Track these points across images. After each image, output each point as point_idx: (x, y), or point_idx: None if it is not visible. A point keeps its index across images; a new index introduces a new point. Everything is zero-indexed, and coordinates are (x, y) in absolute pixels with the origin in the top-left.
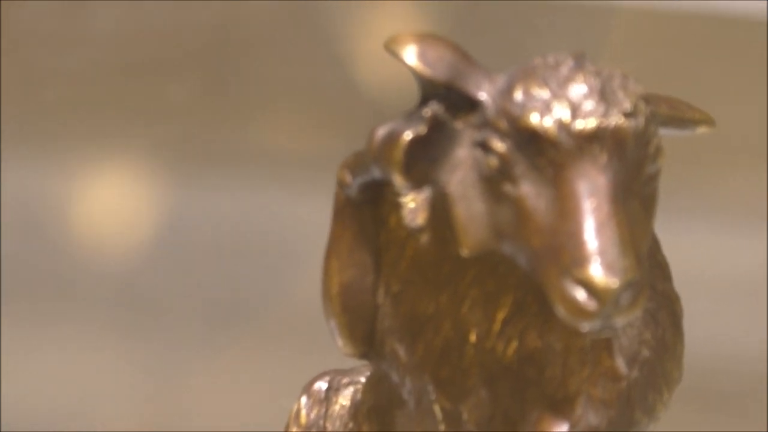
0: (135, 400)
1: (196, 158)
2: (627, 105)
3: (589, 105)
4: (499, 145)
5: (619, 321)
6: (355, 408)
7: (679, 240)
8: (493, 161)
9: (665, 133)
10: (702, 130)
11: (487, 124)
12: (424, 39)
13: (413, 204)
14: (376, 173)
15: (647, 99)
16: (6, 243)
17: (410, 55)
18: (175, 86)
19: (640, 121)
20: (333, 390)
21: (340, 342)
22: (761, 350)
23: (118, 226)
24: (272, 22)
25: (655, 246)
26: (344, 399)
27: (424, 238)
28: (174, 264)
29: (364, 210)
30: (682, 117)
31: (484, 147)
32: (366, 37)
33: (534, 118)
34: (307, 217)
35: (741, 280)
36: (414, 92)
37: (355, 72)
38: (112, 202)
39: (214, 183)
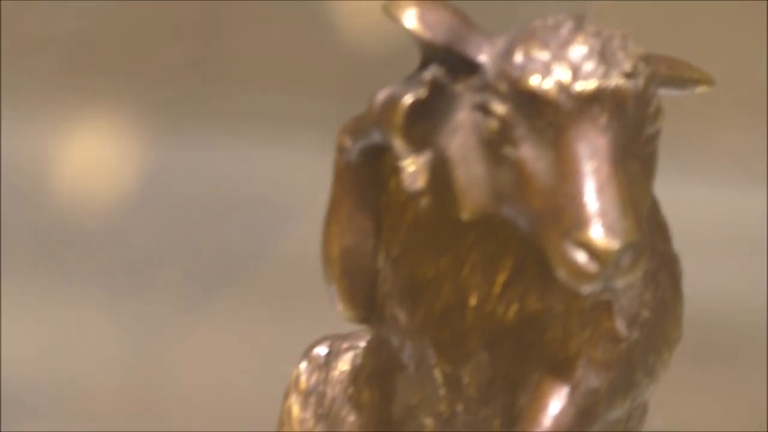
0: (122, 357)
1: (186, 118)
2: (627, 66)
3: (589, 66)
4: (499, 108)
5: (620, 283)
6: (355, 373)
7: (681, 194)
8: (493, 124)
9: (664, 93)
10: (701, 89)
11: (487, 87)
12: (423, 2)
13: (413, 167)
14: (376, 137)
15: (647, 59)
16: None
17: (410, 18)
18: (167, 48)
19: (640, 81)
20: (333, 355)
21: (340, 307)
22: (762, 303)
23: (108, 186)
24: None
25: (654, 207)
26: (344, 364)
27: (424, 202)
28: (163, 222)
29: (364, 174)
30: (681, 77)
31: (484, 110)
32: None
33: (534, 80)
34: (296, 175)
35: (742, 234)
36: (404, 51)
37: (343, 33)
38: (102, 161)
39: (205, 142)
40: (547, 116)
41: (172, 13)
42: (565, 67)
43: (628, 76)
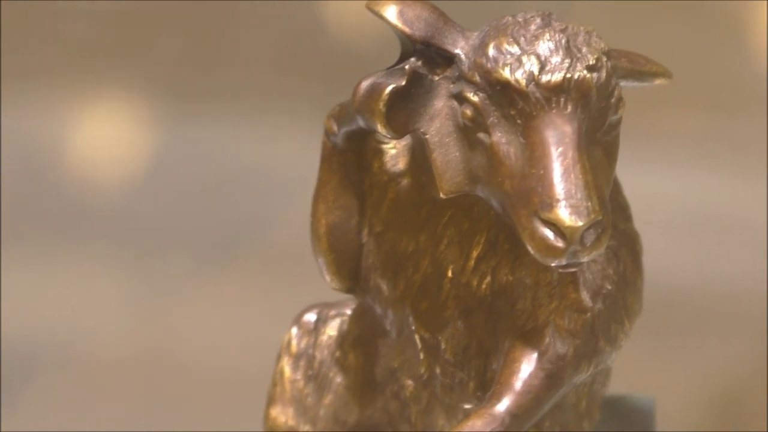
0: (129, 325)
1: (185, 99)
2: (590, 59)
3: (555, 59)
4: (473, 97)
5: (585, 258)
6: (342, 338)
7: (641, 177)
8: (468, 111)
9: (626, 85)
10: (659, 82)
11: (462, 78)
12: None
13: (394, 151)
14: (360, 123)
15: (609, 54)
16: (5, 177)
17: (391, 14)
18: (166, 36)
19: (603, 74)
20: (321, 321)
21: (327, 277)
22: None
23: (113, 163)
24: None
25: (616, 189)
26: (332, 330)
27: (405, 182)
28: (168, 197)
29: (349, 157)
30: (640, 70)
31: (460, 98)
32: None
33: (506, 72)
34: (288, 154)
35: (697, 214)
36: (383, 40)
37: (331, 27)
38: (107, 140)
39: (206, 124)
40: (518, 105)
41: (173, 6)
42: (533, 60)
43: (592, 69)
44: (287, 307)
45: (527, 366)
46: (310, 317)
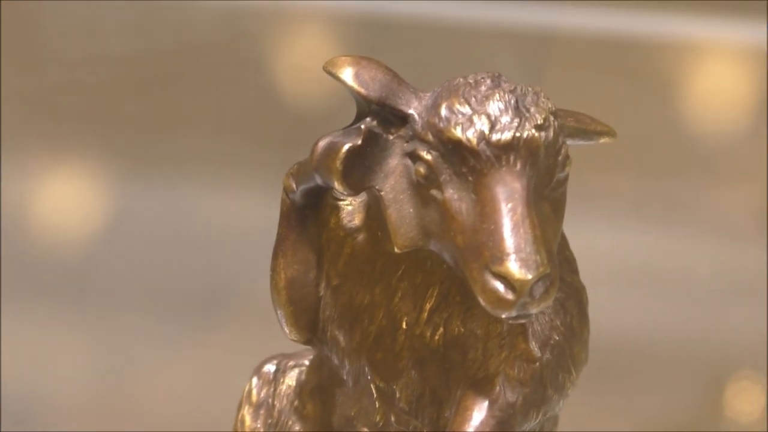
0: (93, 373)
1: (145, 162)
2: (539, 119)
3: (505, 119)
4: (426, 155)
5: (534, 309)
6: (300, 387)
7: (585, 232)
8: (421, 169)
9: (572, 144)
10: (604, 140)
11: (415, 137)
12: (359, 61)
13: (350, 207)
14: (317, 180)
15: (556, 113)
16: None
17: (347, 75)
18: (127, 103)
19: (550, 133)
20: (280, 371)
21: (286, 329)
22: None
23: (75, 223)
24: (210, 48)
25: (563, 243)
26: (290, 379)
27: (360, 237)
28: (129, 254)
29: (307, 213)
30: (586, 129)
31: (413, 157)
32: (289, 57)
33: (457, 131)
34: (247, 214)
35: (637, 268)
36: (332, 101)
37: (287, 89)
38: (70, 201)
39: (160, 183)
40: (469, 163)
41: (134, 74)
42: (484, 120)
43: (540, 128)
44: (248, 359)
45: (479, 414)
46: (270, 368)
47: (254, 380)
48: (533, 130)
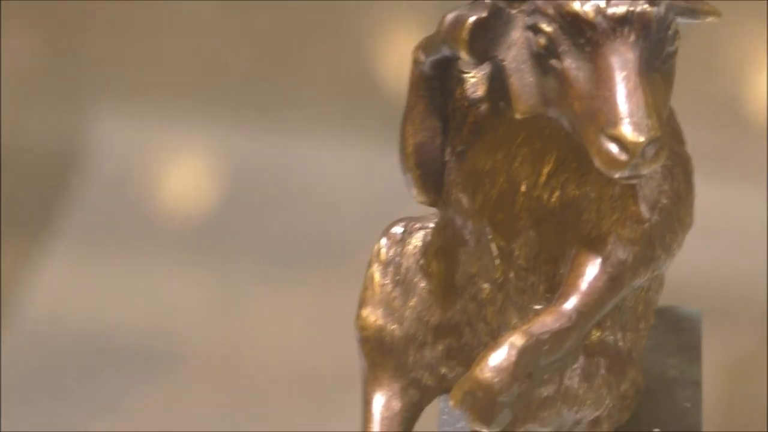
0: (208, 322)
1: (263, 125)
2: None
3: None
4: (546, 27)
5: (645, 170)
6: (426, 247)
7: None
8: (542, 40)
9: (681, 21)
10: (711, 19)
11: (536, 10)
12: None
13: (474, 79)
14: (445, 51)
15: None
16: (108, 197)
17: None
18: (244, 66)
19: (661, 8)
20: (407, 233)
21: (414, 191)
22: None
23: (201, 181)
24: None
25: (671, 115)
26: (417, 240)
27: (483, 107)
28: (246, 209)
29: (434, 83)
30: (694, 9)
31: (534, 29)
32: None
33: (576, 4)
34: (348, 172)
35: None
36: None
37: (380, 64)
38: (197, 163)
39: (279, 144)
40: (586, 34)
41: (248, 34)
42: None
43: (652, 3)
44: (347, 310)
45: (592, 270)
46: (398, 229)
47: (383, 240)
48: (646, 5)
